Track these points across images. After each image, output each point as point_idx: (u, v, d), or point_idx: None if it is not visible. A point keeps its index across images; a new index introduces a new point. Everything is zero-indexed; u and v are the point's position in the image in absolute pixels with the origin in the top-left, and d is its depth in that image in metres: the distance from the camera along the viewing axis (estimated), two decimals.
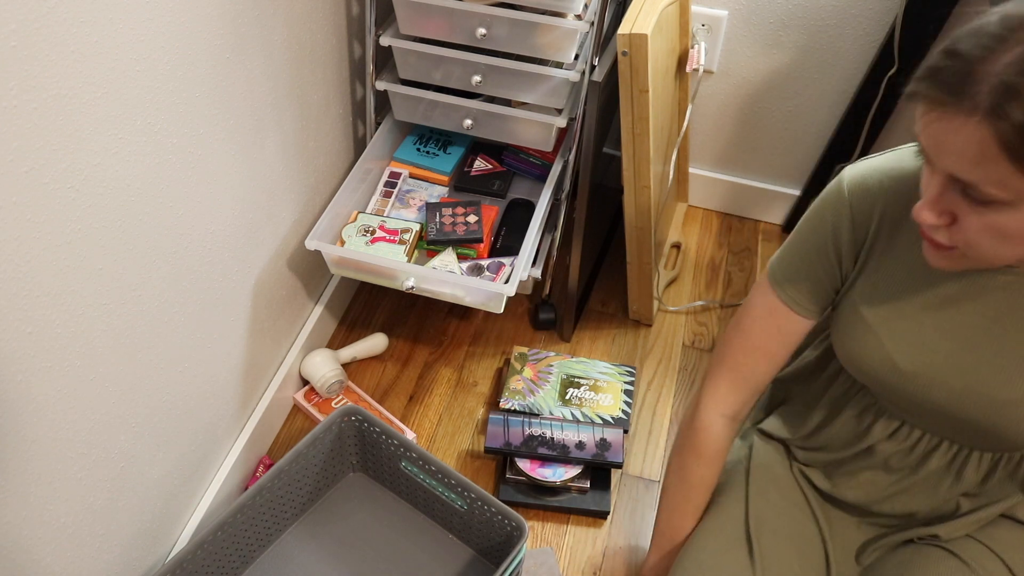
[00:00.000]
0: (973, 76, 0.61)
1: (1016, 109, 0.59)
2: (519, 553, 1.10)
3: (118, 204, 0.91)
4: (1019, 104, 0.59)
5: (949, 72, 0.62)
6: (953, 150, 0.64)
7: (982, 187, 0.64)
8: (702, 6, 1.60)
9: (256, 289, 1.29)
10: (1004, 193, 0.63)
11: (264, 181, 1.23)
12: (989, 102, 0.60)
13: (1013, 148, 0.60)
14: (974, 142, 0.62)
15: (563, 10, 1.25)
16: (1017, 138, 0.60)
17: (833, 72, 1.62)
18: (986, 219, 0.66)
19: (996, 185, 0.63)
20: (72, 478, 0.95)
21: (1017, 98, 0.59)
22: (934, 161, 0.67)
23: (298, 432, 1.48)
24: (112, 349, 0.96)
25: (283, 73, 1.20)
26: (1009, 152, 0.60)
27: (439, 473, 1.20)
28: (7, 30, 0.71)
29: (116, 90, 0.86)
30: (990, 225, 0.66)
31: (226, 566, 1.18)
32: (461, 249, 1.42)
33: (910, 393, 0.86)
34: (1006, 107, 0.59)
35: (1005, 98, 0.59)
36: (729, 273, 1.81)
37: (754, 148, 1.81)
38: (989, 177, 0.63)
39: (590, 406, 1.48)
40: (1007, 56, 0.60)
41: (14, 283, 0.79)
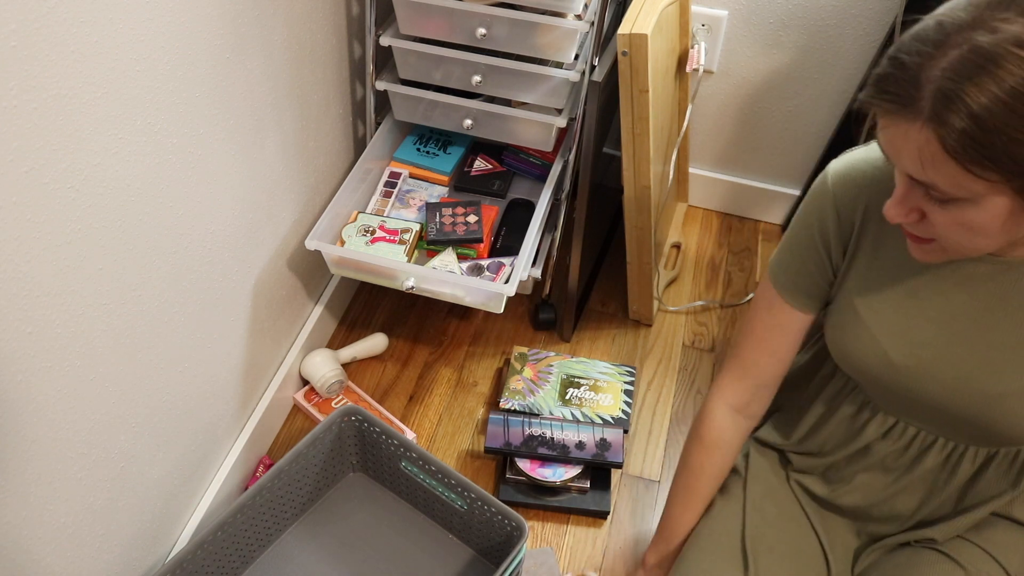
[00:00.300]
0: (916, 83, 0.62)
1: (954, 115, 0.60)
2: (519, 553, 1.10)
3: (118, 204, 0.91)
4: (957, 110, 0.60)
5: (893, 80, 0.64)
6: (906, 155, 0.66)
7: (939, 187, 0.65)
8: (702, 6, 1.60)
9: (256, 289, 1.29)
10: (960, 192, 0.65)
11: (264, 181, 1.23)
12: (930, 108, 0.62)
13: (957, 153, 0.62)
14: (922, 147, 0.64)
15: (563, 10, 1.25)
16: (959, 143, 0.61)
17: (833, 72, 1.62)
18: (951, 215, 0.68)
19: (951, 186, 0.65)
20: (72, 478, 0.95)
21: (955, 104, 0.60)
22: (894, 163, 0.69)
23: (298, 432, 1.48)
24: (112, 349, 0.97)
25: (283, 73, 1.20)
26: (954, 156, 0.62)
27: (439, 473, 1.20)
28: (7, 30, 0.71)
29: (116, 90, 0.86)
30: (956, 220, 0.68)
31: (226, 566, 1.18)
32: (461, 249, 1.42)
33: (903, 387, 0.86)
34: (945, 113, 0.61)
35: (944, 104, 0.61)
36: (729, 273, 1.81)
37: (754, 148, 1.81)
38: (942, 179, 0.65)
39: (590, 406, 1.48)
40: (943, 61, 0.61)
41: (14, 283, 0.79)
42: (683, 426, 1.52)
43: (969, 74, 0.60)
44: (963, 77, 0.60)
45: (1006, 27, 0.59)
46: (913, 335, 0.83)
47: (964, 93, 0.60)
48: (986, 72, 0.59)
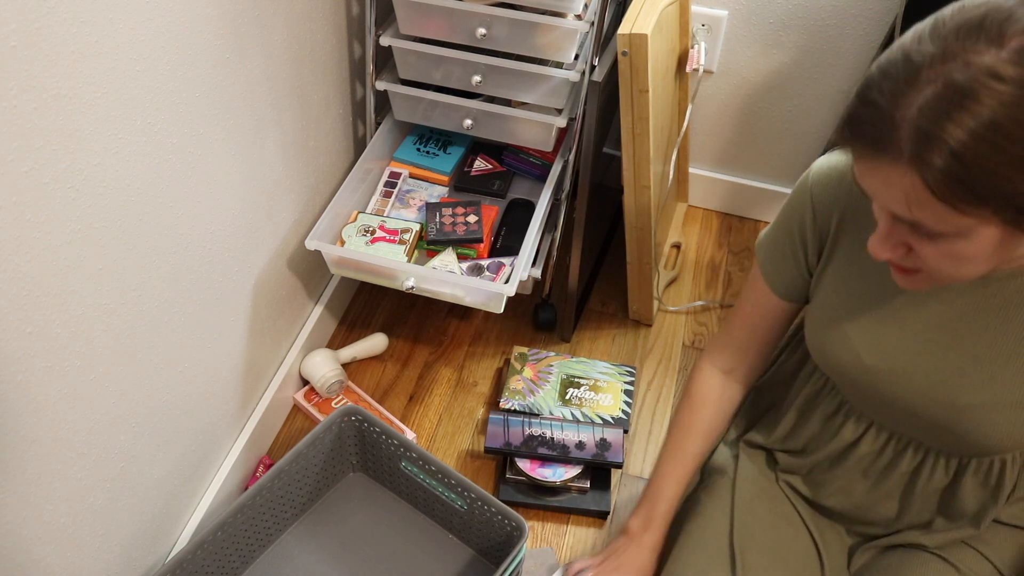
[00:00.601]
0: (891, 123, 0.61)
1: (936, 155, 0.59)
2: (519, 553, 1.10)
3: (118, 204, 0.91)
4: (938, 149, 0.59)
5: (868, 121, 0.63)
6: (889, 196, 0.64)
7: (926, 225, 0.64)
8: (702, 6, 1.60)
9: (256, 289, 1.29)
10: (947, 228, 0.63)
11: (264, 181, 1.23)
12: (911, 150, 0.60)
13: (944, 194, 0.60)
14: (907, 190, 0.62)
15: (563, 10, 1.25)
16: (944, 183, 0.60)
17: (833, 72, 1.62)
18: (940, 248, 0.66)
19: (939, 223, 0.63)
20: (72, 478, 0.95)
21: (935, 143, 0.59)
22: (873, 200, 0.67)
23: (298, 432, 1.48)
24: (112, 349, 0.97)
25: (283, 73, 1.20)
26: (941, 198, 0.61)
27: (439, 473, 1.20)
28: (7, 30, 0.71)
29: (116, 90, 0.86)
30: (945, 253, 0.67)
31: (226, 566, 1.18)
32: (461, 249, 1.42)
33: (876, 390, 0.86)
34: (926, 154, 0.59)
35: (924, 145, 0.59)
36: (729, 273, 1.81)
37: (754, 148, 1.81)
38: (930, 217, 0.63)
39: (590, 406, 1.48)
40: (919, 99, 0.59)
41: (14, 283, 0.79)
42: None
43: (946, 111, 0.58)
44: (940, 114, 0.58)
45: (978, 59, 0.57)
46: (887, 340, 0.83)
47: (943, 131, 0.58)
48: (963, 108, 0.57)
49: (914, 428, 0.88)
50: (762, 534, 0.99)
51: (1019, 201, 0.61)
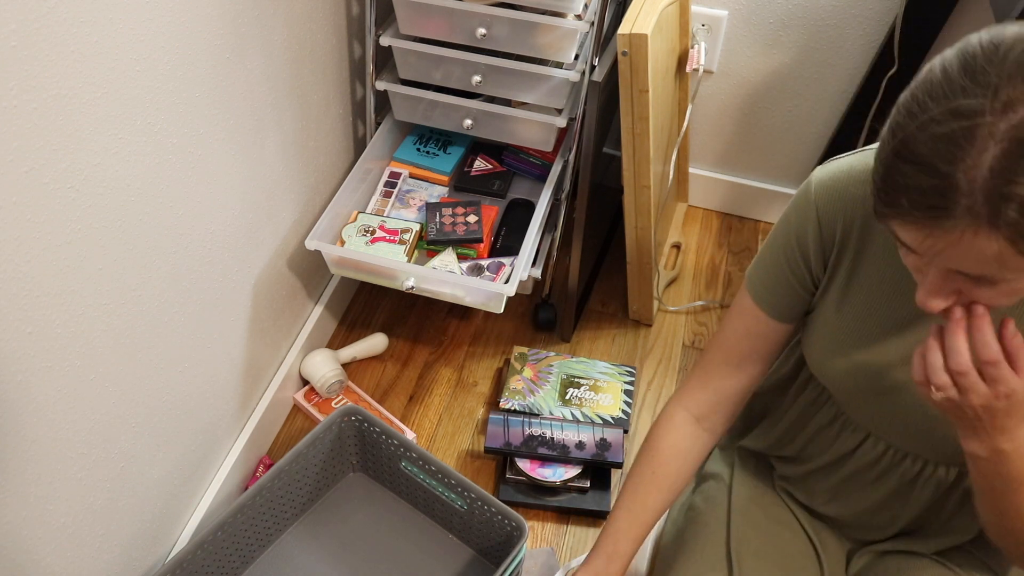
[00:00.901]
0: (955, 188, 0.57)
1: (1014, 211, 0.56)
2: (519, 553, 1.10)
3: (118, 204, 0.91)
4: (1016, 206, 0.56)
5: (922, 190, 0.58)
6: (957, 257, 0.61)
7: (994, 276, 0.62)
8: (702, 6, 1.60)
9: (256, 289, 1.29)
10: (1017, 276, 0.61)
11: (264, 181, 1.23)
12: (988, 214, 0.57)
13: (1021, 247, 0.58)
14: (983, 250, 0.59)
15: (563, 10, 1.25)
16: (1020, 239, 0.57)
17: (833, 72, 1.62)
18: (1000, 289, 0.64)
19: (1011, 272, 0.61)
20: (72, 478, 0.95)
21: (1010, 201, 0.56)
22: (926, 258, 0.64)
23: (298, 432, 1.48)
24: (112, 349, 0.97)
25: (283, 73, 1.20)
26: (1020, 250, 0.58)
27: (439, 473, 1.20)
28: (7, 30, 0.71)
29: (116, 90, 0.86)
30: (1006, 292, 0.64)
31: (226, 566, 1.18)
32: (461, 249, 1.42)
33: (876, 403, 0.85)
34: (1008, 215, 0.56)
35: (1000, 203, 0.56)
36: (729, 273, 1.81)
37: (754, 148, 1.81)
38: (1002, 270, 0.61)
39: (590, 406, 1.48)
40: (987, 159, 0.56)
41: (14, 283, 0.79)
42: None
43: (1014, 163, 0.55)
44: (1010, 169, 0.55)
45: None
46: (889, 355, 0.82)
47: (1014, 184, 0.55)
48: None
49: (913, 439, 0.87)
50: (759, 539, 0.99)
51: None
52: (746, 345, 0.93)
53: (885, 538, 0.98)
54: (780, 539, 1.00)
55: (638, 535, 0.94)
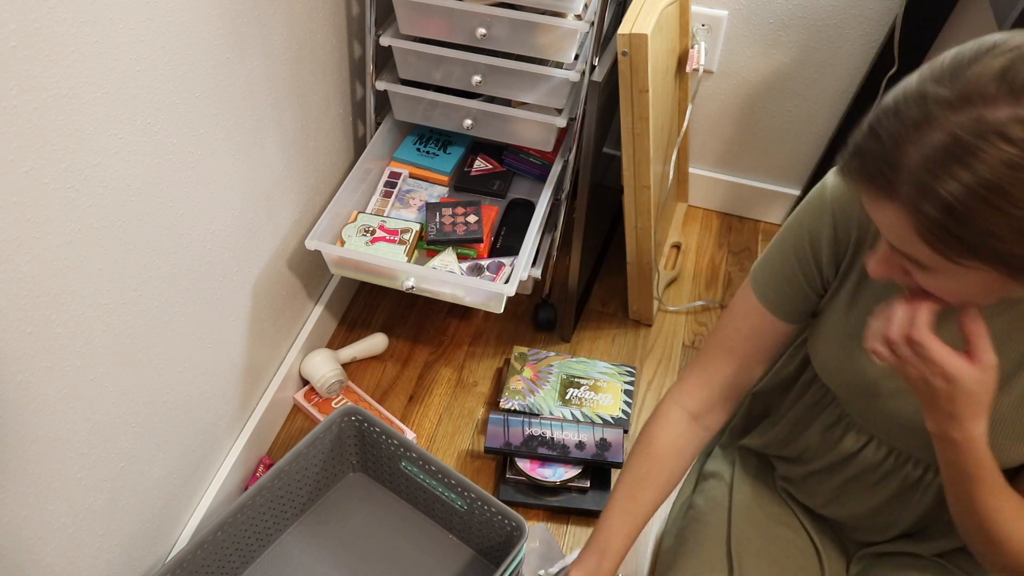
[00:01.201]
0: (893, 164, 0.60)
1: (929, 205, 0.59)
2: (519, 553, 1.10)
3: (118, 204, 0.91)
4: (932, 200, 0.58)
5: (871, 156, 0.62)
6: (885, 227, 0.64)
7: (919, 260, 0.64)
8: (702, 6, 1.60)
9: (256, 289, 1.29)
10: (939, 267, 0.63)
11: (264, 181, 1.23)
12: (906, 195, 0.60)
13: (931, 241, 0.61)
14: (900, 228, 0.62)
15: (563, 10, 1.25)
16: (933, 232, 0.60)
17: (833, 72, 1.62)
18: (936, 280, 0.66)
19: (929, 262, 0.63)
20: (72, 478, 0.95)
21: (931, 195, 0.58)
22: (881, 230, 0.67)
23: (298, 432, 1.48)
24: (112, 349, 0.97)
25: (283, 73, 1.20)
26: (929, 244, 0.61)
27: (439, 473, 1.20)
28: (7, 30, 0.71)
29: (116, 90, 0.86)
30: (939, 286, 0.67)
31: (226, 566, 1.18)
32: (461, 249, 1.42)
33: (881, 406, 0.85)
34: (920, 201, 0.59)
35: (920, 194, 0.59)
36: (729, 273, 1.81)
37: (754, 148, 1.81)
38: (921, 256, 0.63)
39: (590, 406, 1.48)
40: (923, 147, 0.58)
41: (14, 283, 0.79)
42: None
43: (947, 164, 0.57)
44: (940, 167, 0.57)
45: (990, 115, 0.55)
46: None
47: (940, 184, 0.57)
48: (964, 164, 0.56)
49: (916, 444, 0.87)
50: (760, 539, 0.99)
51: (1013, 261, 0.60)
52: (749, 344, 0.92)
53: (885, 540, 0.98)
54: (781, 539, 1.00)
55: (631, 532, 0.93)
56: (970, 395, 0.71)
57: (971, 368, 0.71)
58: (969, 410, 0.73)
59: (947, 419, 0.74)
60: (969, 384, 0.71)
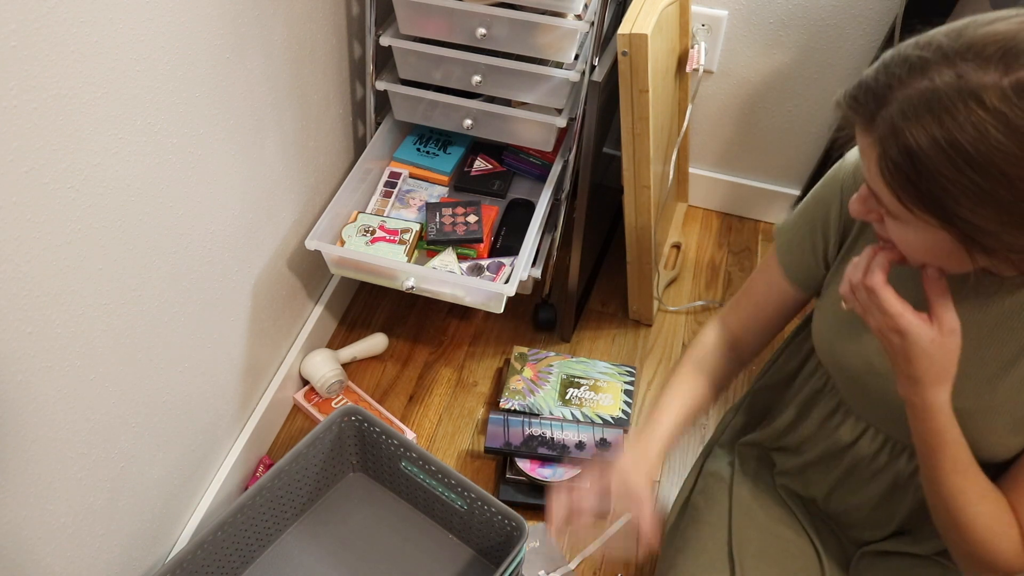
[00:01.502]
0: (880, 101, 0.62)
1: (894, 147, 0.61)
2: (519, 553, 1.10)
3: (118, 204, 0.91)
4: (898, 143, 0.61)
5: (866, 89, 0.64)
6: (862, 158, 0.67)
7: (882, 200, 0.66)
8: (702, 6, 1.60)
9: (256, 289, 1.29)
10: (899, 213, 0.65)
11: (264, 181, 1.23)
12: (880, 131, 0.62)
13: (888, 181, 0.63)
14: (868, 159, 0.65)
15: (563, 10, 1.25)
16: (891, 173, 0.62)
17: (833, 72, 1.62)
18: (899, 230, 0.68)
19: (889, 203, 0.65)
20: (72, 478, 0.95)
21: (898, 136, 0.61)
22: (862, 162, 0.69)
23: (298, 432, 1.48)
24: (112, 349, 0.97)
25: (283, 73, 1.20)
26: (887, 183, 0.63)
27: (439, 473, 1.20)
28: (7, 30, 0.71)
29: (116, 90, 0.86)
30: (899, 235, 0.68)
31: (226, 566, 1.18)
32: (461, 249, 1.42)
33: (879, 389, 0.85)
34: (888, 140, 0.61)
35: (890, 133, 0.61)
36: (729, 273, 1.81)
37: (754, 148, 1.81)
38: (881, 194, 0.65)
39: (590, 406, 1.48)
40: (908, 90, 0.60)
41: (14, 283, 0.79)
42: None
43: (919, 113, 0.59)
44: (914, 113, 0.59)
45: (975, 77, 0.57)
46: None
47: (909, 129, 0.60)
48: (935, 116, 0.58)
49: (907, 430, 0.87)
50: (760, 539, 0.99)
51: (963, 225, 0.62)
52: (764, 295, 0.97)
53: (884, 536, 0.98)
54: (781, 539, 1.00)
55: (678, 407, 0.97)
56: (927, 356, 0.72)
57: (925, 326, 0.72)
58: (929, 374, 0.73)
59: (907, 381, 0.75)
60: (923, 343, 0.72)
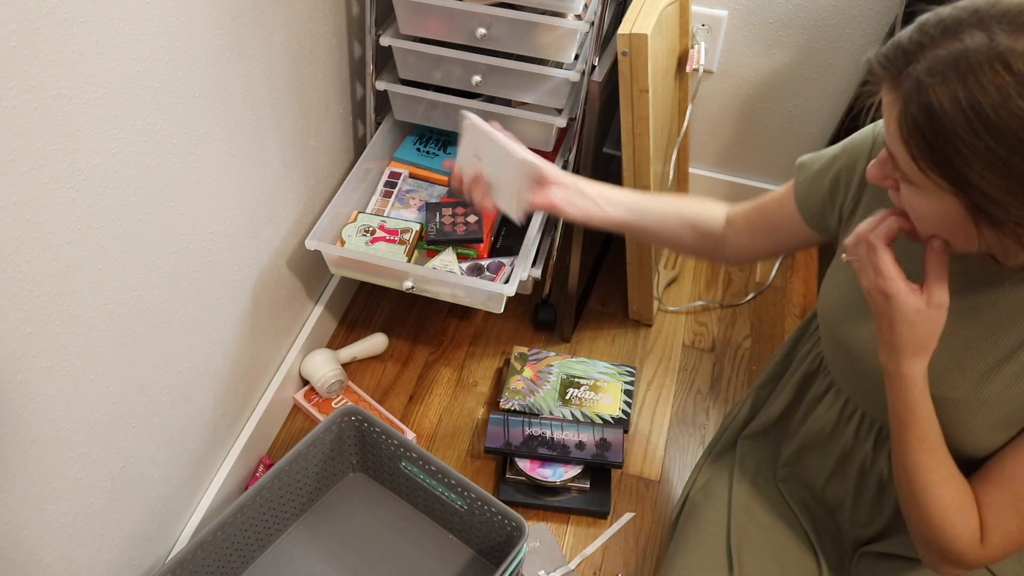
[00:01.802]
0: (910, 57, 0.63)
1: (915, 104, 0.61)
2: (519, 553, 1.10)
3: (118, 204, 0.91)
4: (920, 99, 0.61)
5: (898, 47, 0.64)
6: (884, 118, 0.67)
7: (899, 163, 0.66)
8: (702, 6, 1.60)
9: (256, 289, 1.29)
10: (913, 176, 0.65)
11: (264, 181, 1.23)
12: (905, 87, 0.63)
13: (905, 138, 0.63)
14: (890, 117, 0.65)
15: (563, 10, 1.25)
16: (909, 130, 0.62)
17: (833, 72, 1.62)
18: (910, 195, 0.68)
19: (905, 166, 0.65)
20: (72, 478, 0.95)
21: (921, 93, 0.61)
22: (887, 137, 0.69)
23: (298, 432, 1.48)
24: (112, 349, 0.96)
25: (283, 73, 1.20)
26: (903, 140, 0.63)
27: (439, 473, 1.20)
28: (7, 30, 0.71)
29: (116, 90, 0.86)
30: (911, 203, 0.69)
31: (226, 566, 1.18)
32: (461, 249, 1.42)
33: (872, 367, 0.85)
34: (911, 98, 0.62)
35: (914, 91, 0.62)
36: (729, 273, 1.81)
37: (754, 148, 1.81)
38: (898, 155, 0.66)
39: (590, 406, 1.48)
40: (938, 51, 0.61)
41: (14, 283, 0.79)
42: (683, 426, 1.52)
43: (946, 72, 0.60)
44: (940, 73, 0.60)
45: (1007, 42, 0.58)
46: None
47: (933, 87, 0.60)
48: (960, 77, 0.59)
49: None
50: (759, 536, 0.99)
51: (973, 192, 0.62)
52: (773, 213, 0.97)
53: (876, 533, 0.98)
54: (780, 536, 1.00)
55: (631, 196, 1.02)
56: (909, 324, 0.73)
57: (913, 296, 0.73)
58: (909, 344, 0.74)
59: (887, 348, 0.76)
60: (908, 311, 0.73)
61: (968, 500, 0.78)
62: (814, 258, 1.84)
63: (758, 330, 1.69)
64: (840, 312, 0.88)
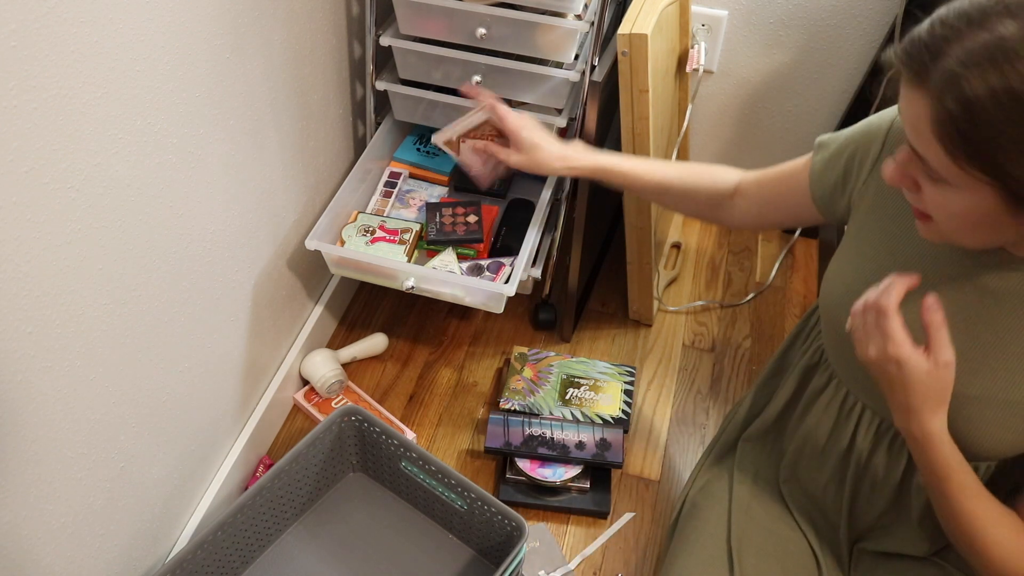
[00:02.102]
0: (935, 55, 0.62)
1: (950, 96, 0.60)
2: (519, 553, 1.10)
3: (118, 204, 0.91)
4: (955, 93, 0.60)
5: (920, 43, 0.63)
6: (908, 121, 0.66)
7: (930, 163, 0.65)
8: (702, 6, 1.60)
9: (256, 289, 1.29)
10: (946, 174, 0.64)
11: (264, 181, 1.23)
12: (935, 83, 0.61)
13: (941, 136, 0.62)
14: (918, 116, 0.64)
15: (563, 10, 1.25)
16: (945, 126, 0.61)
17: (833, 72, 1.62)
18: (939, 195, 0.67)
19: (939, 165, 0.64)
20: (72, 478, 0.95)
21: (955, 86, 0.60)
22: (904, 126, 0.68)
23: (298, 432, 1.48)
24: (112, 349, 0.97)
25: (283, 73, 1.20)
26: (939, 139, 0.62)
27: (439, 473, 1.20)
28: (7, 30, 0.71)
29: (116, 90, 0.86)
30: (941, 203, 0.67)
31: (226, 566, 1.18)
32: (461, 249, 1.42)
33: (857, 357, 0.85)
34: (944, 92, 0.61)
35: (947, 85, 0.60)
36: (729, 273, 1.81)
37: (754, 148, 1.81)
38: (931, 156, 0.64)
39: (590, 406, 1.48)
40: (967, 42, 0.60)
41: (14, 283, 0.79)
42: (683, 426, 1.52)
43: (980, 63, 0.59)
44: (974, 64, 0.59)
45: None
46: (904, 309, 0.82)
47: (967, 79, 0.59)
48: (996, 65, 0.58)
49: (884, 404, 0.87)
50: (760, 536, 0.99)
51: (1012, 183, 0.61)
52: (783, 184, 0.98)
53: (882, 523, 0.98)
54: (780, 536, 1.00)
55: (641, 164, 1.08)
56: (923, 385, 0.73)
57: (922, 358, 0.72)
58: (927, 403, 0.74)
59: (905, 412, 0.76)
60: (920, 375, 0.73)
61: (1022, 534, 0.78)
62: (814, 258, 1.84)
63: (758, 330, 1.69)
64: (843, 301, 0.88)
